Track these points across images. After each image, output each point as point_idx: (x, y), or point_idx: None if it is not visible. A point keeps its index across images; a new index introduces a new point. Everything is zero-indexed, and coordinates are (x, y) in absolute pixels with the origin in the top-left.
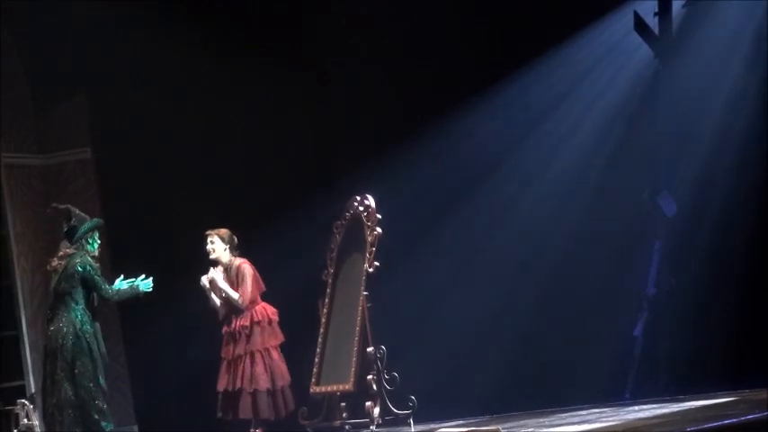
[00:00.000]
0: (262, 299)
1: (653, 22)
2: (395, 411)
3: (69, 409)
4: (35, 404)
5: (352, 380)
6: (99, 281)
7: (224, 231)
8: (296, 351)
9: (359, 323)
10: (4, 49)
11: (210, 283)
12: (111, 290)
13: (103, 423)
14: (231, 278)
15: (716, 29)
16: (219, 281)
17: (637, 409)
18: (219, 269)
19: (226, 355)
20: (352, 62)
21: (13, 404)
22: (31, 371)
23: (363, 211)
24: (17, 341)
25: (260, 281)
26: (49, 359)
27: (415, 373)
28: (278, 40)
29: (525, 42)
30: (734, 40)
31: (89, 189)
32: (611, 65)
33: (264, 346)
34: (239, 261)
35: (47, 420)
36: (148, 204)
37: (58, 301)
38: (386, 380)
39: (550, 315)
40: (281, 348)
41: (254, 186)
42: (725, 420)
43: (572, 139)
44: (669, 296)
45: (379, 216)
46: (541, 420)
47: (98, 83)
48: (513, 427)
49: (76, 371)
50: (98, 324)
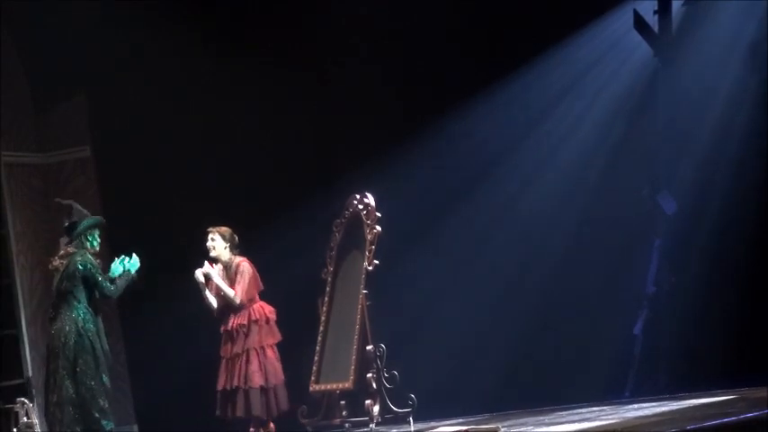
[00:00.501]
0: (260, 298)
1: (653, 21)
2: (394, 410)
3: (70, 407)
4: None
5: (351, 378)
6: (100, 279)
7: (225, 229)
8: (295, 349)
9: (358, 321)
10: (4, 49)
11: (206, 277)
12: (113, 287)
13: (104, 422)
14: (231, 276)
15: (716, 28)
16: (215, 276)
17: (636, 407)
18: (219, 266)
19: (224, 353)
20: (352, 62)
21: (13, 403)
22: (30, 369)
23: (363, 210)
24: (17, 340)
25: (258, 280)
26: (51, 358)
27: (414, 372)
28: (278, 40)
29: (525, 42)
30: (734, 39)
31: (89, 188)
32: (610, 63)
33: (261, 344)
34: (239, 259)
35: (48, 419)
36: (148, 204)
37: (60, 300)
38: (385, 378)
39: (550, 313)
40: (278, 347)
41: (253, 186)
42: (724, 418)
43: (572, 139)
44: (669, 294)
45: (379, 214)
46: (541, 419)
47: (98, 83)
48: (513, 426)
49: (78, 369)
50: (101, 322)
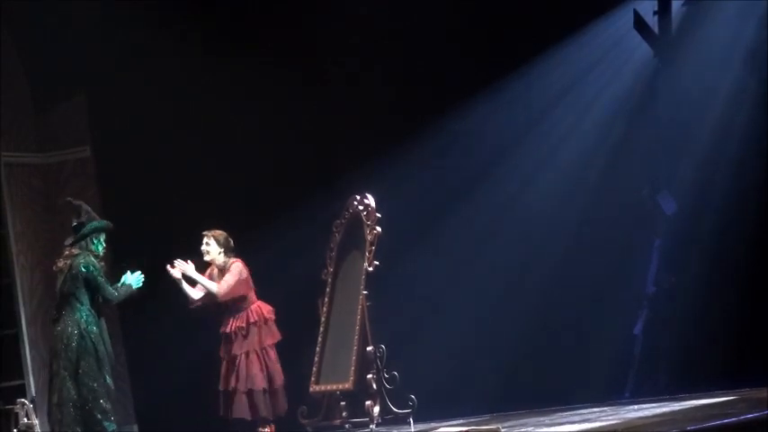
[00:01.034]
0: (258, 297)
1: (653, 21)
2: (395, 410)
3: (71, 408)
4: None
5: (351, 379)
6: (102, 282)
7: (219, 233)
8: (295, 350)
9: (358, 322)
10: (4, 49)
11: (183, 275)
12: (115, 291)
13: (106, 423)
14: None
15: (716, 28)
16: (191, 271)
17: (637, 407)
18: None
19: (224, 355)
20: (352, 62)
21: (13, 403)
22: (30, 369)
23: (363, 210)
24: (17, 340)
25: (250, 281)
26: (54, 359)
27: (414, 373)
28: (278, 40)
29: (525, 42)
30: (734, 39)
31: (89, 188)
32: (610, 64)
33: (261, 345)
34: (233, 260)
35: (50, 419)
36: (148, 204)
37: (63, 302)
38: (386, 379)
39: (550, 314)
40: (278, 347)
41: (253, 186)
42: (725, 419)
43: (572, 139)
44: (669, 294)
45: (379, 215)
46: (541, 419)
47: (98, 83)
48: (514, 427)
49: (80, 370)
50: (104, 323)
